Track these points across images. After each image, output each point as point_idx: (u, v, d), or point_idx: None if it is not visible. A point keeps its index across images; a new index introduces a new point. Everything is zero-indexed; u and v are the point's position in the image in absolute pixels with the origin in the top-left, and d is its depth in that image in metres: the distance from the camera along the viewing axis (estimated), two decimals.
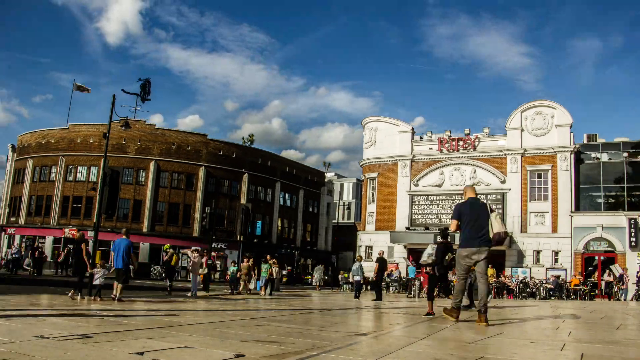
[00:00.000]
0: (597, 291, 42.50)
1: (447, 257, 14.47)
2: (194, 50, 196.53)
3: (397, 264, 50.51)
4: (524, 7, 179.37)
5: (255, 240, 68.31)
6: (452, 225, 11.30)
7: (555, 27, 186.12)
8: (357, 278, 30.55)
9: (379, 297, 26.85)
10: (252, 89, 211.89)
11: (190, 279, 28.37)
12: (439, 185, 54.25)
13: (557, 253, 48.03)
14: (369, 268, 40.66)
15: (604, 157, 50.49)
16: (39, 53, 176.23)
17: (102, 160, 25.04)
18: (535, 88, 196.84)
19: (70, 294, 18.47)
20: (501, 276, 43.54)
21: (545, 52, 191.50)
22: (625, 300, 37.74)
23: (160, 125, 70.64)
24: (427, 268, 15.32)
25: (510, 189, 50.96)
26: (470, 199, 11.47)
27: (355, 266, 31.47)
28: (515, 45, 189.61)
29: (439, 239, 15.49)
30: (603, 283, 43.11)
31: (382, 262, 28.49)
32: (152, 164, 66.22)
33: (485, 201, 17.23)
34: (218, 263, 56.48)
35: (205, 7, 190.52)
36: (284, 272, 42.18)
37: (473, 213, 11.11)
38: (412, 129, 57.56)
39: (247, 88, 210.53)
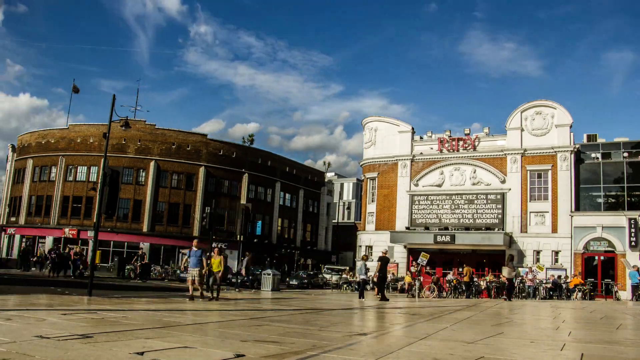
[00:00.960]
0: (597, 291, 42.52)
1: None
2: (257, 69, 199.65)
3: (397, 264, 50.52)
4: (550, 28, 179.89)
5: (255, 240, 68.29)
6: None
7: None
8: (362, 277, 30.08)
9: (383, 297, 26.77)
10: (309, 103, 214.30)
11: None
12: (439, 185, 54.13)
13: (557, 253, 47.96)
14: (373, 268, 40.66)
15: (604, 157, 50.52)
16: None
17: (102, 160, 25.04)
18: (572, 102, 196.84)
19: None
20: (501, 276, 43.45)
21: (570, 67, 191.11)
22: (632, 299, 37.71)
23: (161, 125, 70.49)
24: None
25: (510, 189, 50.90)
26: None
27: (359, 264, 31.31)
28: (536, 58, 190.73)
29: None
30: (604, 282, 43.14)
31: (384, 261, 28.39)
32: (152, 163, 66.17)
33: None
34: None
35: (263, 33, 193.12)
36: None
37: None
38: (412, 128, 57.39)
39: (307, 102, 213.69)
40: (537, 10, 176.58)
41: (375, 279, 28.33)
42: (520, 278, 43.16)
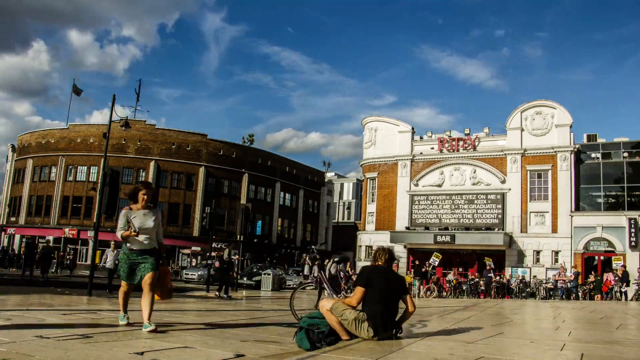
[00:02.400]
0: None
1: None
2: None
3: (397, 263, 50.50)
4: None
5: (255, 240, 68.31)
6: None
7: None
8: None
9: None
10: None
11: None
12: (439, 185, 54.19)
13: (557, 253, 47.97)
14: None
15: (604, 157, 50.55)
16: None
17: (102, 160, 25.04)
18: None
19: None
20: (502, 276, 43.43)
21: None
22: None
23: (161, 125, 70.63)
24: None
25: (510, 189, 50.94)
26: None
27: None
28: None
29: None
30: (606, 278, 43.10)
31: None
32: (152, 163, 66.26)
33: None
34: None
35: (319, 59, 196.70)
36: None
37: None
38: (412, 128, 57.39)
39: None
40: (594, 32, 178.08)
41: None
42: (520, 278, 43.29)
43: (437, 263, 40.76)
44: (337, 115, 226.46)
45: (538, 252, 48.76)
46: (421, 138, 57.48)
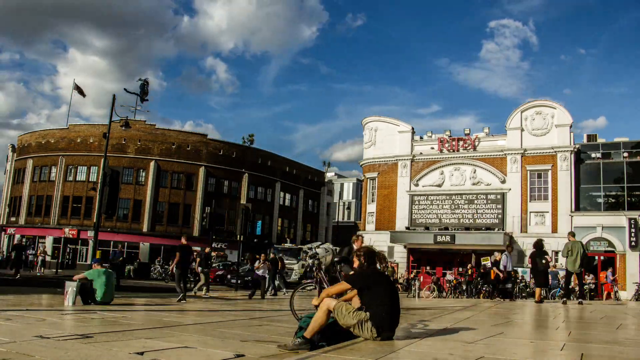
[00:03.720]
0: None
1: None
2: None
3: (397, 263, 50.53)
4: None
5: (255, 240, 68.19)
6: None
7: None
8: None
9: None
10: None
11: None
12: (439, 185, 54.09)
13: (557, 253, 47.76)
14: None
15: (604, 157, 50.55)
16: None
17: (102, 160, 25.05)
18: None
19: None
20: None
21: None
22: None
23: (161, 125, 70.71)
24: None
25: (510, 189, 50.87)
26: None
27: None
28: None
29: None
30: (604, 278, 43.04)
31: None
32: (152, 163, 66.25)
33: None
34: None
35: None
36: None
37: None
38: (412, 128, 57.28)
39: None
40: None
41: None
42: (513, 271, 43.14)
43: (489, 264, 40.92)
44: None
45: None
46: (421, 138, 57.40)
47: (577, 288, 25.10)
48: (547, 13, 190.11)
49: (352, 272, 8.67)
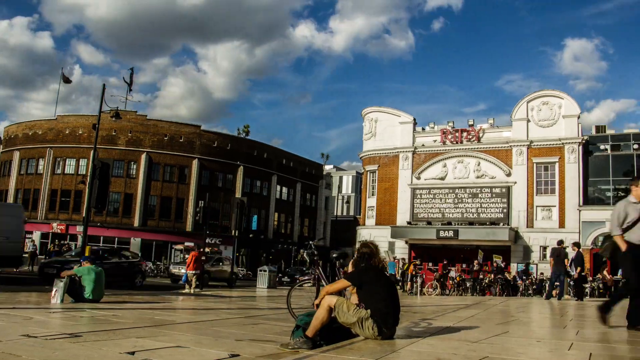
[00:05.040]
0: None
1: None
2: None
3: (399, 260, 50.47)
4: None
5: (250, 236, 68.10)
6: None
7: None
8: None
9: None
10: None
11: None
12: (442, 178, 54.09)
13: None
14: None
15: (613, 149, 50.49)
16: None
17: (92, 152, 25.06)
18: None
19: None
20: (506, 272, 43.33)
21: None
22: None
23: (152, 116, 70.63)
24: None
25: (515, 182, 50.85)
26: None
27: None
28: None
29: None
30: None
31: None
32: (143, 156, 66.18)
33: None
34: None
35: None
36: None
37: None
38: (414, 119, 57.35)
39: None
40: None
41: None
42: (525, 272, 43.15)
43: (481, 260, 40.82)
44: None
45: (545, 248, 48.48)
46: (423, 129, 57.34)
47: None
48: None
49: (351, 269, 8.68)
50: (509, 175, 51.29)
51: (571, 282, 27.99)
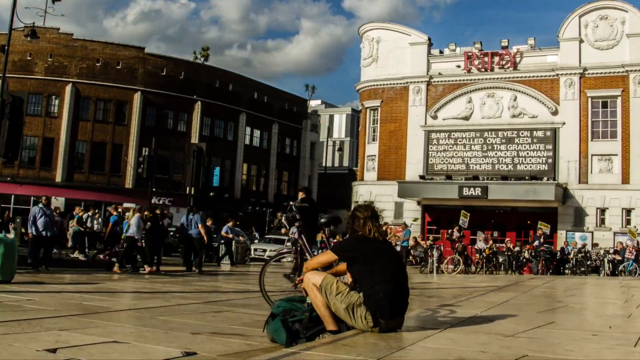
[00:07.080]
0: None
1: None
2: None
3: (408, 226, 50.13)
4: None
5: (211, 194, 67.74)
6: None
7: None
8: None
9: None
10: None
11: None
12: (466, 118, 53.44)
13: (629, 212, 47.25)
14: None
15: None
16: None
17: (0, 82, 24.81)
18: None
19: None
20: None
21: None
22: None
23: (81, 35, 70.02)
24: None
25: (564, 123, 50.34)
26: None
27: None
28: None
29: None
30: None
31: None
32: (68, 87, 65.48)
33: None
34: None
35: None
36: None
37: None
38: (429, 39, 56.36)
39: None
40: None
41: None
42: (577, 247, 43.11)
43: (466, 224, 40.38)
44: None
45: (603, 211, 48.13)
46: (441, 53, 56.71)
47: None
48: None
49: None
50: (555, 113, 50.82)
51: None
